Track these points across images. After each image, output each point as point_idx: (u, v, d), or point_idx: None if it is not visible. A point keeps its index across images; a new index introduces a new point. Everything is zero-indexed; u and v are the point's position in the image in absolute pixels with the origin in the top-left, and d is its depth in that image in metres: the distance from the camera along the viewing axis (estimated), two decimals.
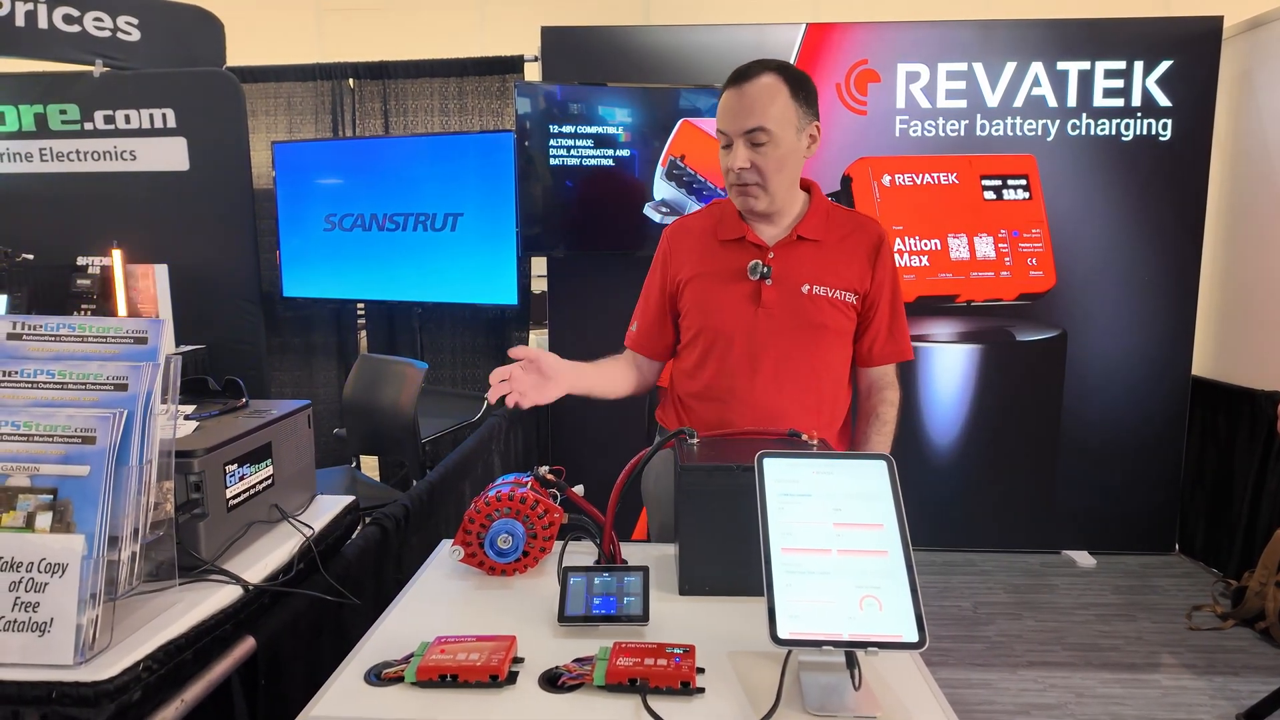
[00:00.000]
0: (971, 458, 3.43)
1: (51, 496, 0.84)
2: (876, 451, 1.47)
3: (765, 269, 1.44)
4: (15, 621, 0.81)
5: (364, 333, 3.94)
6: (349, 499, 1.38)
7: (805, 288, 1.44)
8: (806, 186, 1.52)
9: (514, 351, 1.40)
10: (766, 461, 0.94)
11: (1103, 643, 2.71)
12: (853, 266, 1.47)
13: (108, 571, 0.85)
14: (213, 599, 0.99)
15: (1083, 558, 3.38)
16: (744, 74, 1.39)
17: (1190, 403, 3.36)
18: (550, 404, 1.44)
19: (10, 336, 0.95)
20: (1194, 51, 3.17)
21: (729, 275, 1.47)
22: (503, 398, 1.36)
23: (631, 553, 1.20)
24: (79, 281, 3.35)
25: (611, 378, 1.59)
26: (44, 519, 0.84)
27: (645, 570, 1.05)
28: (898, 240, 3.29)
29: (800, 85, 1.41)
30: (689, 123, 3.02)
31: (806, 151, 1.45)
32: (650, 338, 1.60)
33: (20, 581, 0.81)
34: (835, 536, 0.88)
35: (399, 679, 0.88)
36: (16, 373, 0.91)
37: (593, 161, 3.07)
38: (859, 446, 1.53)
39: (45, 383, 0.91)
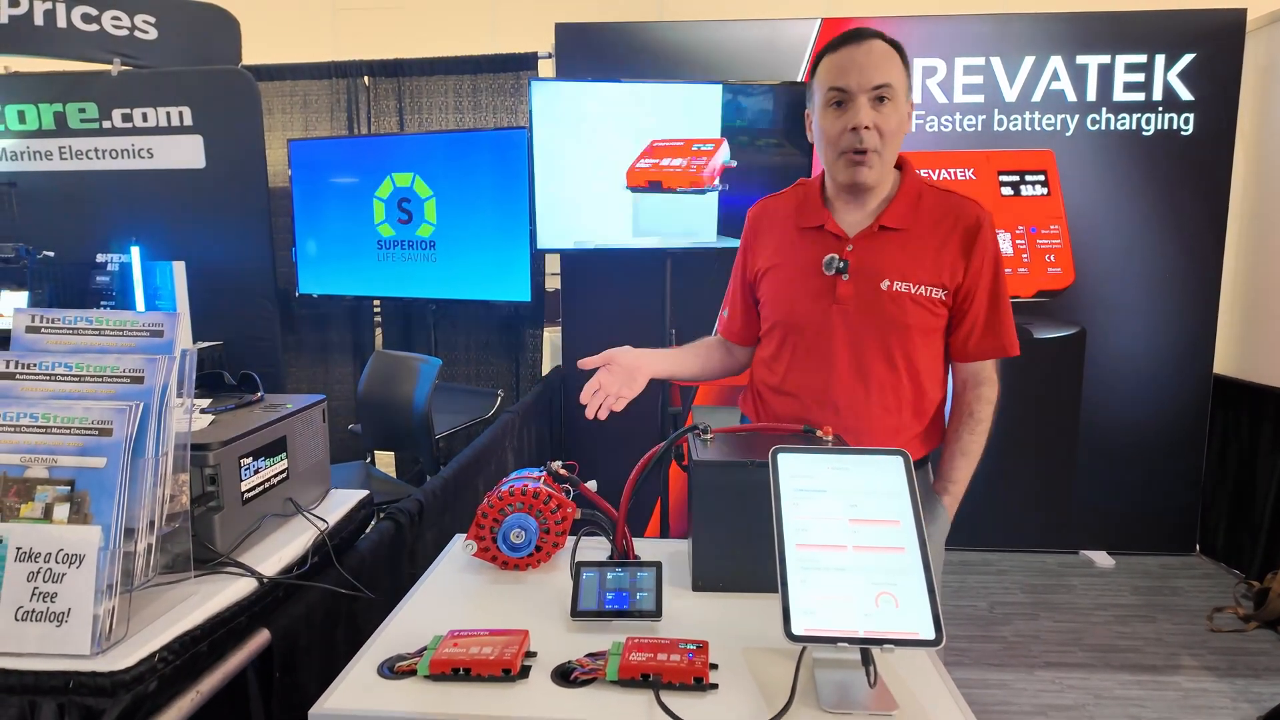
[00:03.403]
0: (988, 456, 3.33)
1: (69, 488, 0.85)
2: (966, 450, 1.45)
3: (842, 264, 1.34)
4: (33, 611, 0.82)
5: (379, 329, 3.96)
6: (363, 494, 1.39)
7: (885, 284, 1.34)
8: (898, 164, 1.39)
9: (583, 363, 1.38)
10: (781, 457, 0.93)
11: (1122, 644, 2.68)
12: (943, 258, 1.34)
13: (124, 563, 0.86)
14: (228, 591, 0.99)
15: (1101, 558, 3.34)
16: (861, 34, 1.31)
17: (1212, 401, 3.31)
18: (564, 398, 1.43)
19: (29, 329, 0.96)
20: (1217, 45, 3.12)
21: (805, 268, 1.38)
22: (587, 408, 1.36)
23: (644, 548, 1.20)
24: (98, 278, 3.39)
25: (696, 362, 1.55)
26: (61, 510, 0.85)
27: (658, 566, 1.05)
28: None
29: (906, 59, 1.34)
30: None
31: (907, 127, 1.35)
32: (740, 325, 1.54)
33: (38, 572, 0.82)
34: (851, 532, 0.87)
35: (412, 672, 0.88)
36: (35, 365, 0.92)
37: (606, 158, 3.06)
38: (949, 444, 1.45)
39: (63, 375, 0.92)
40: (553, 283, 3.69)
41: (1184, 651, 2.62)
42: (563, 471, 1.23)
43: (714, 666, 0.87)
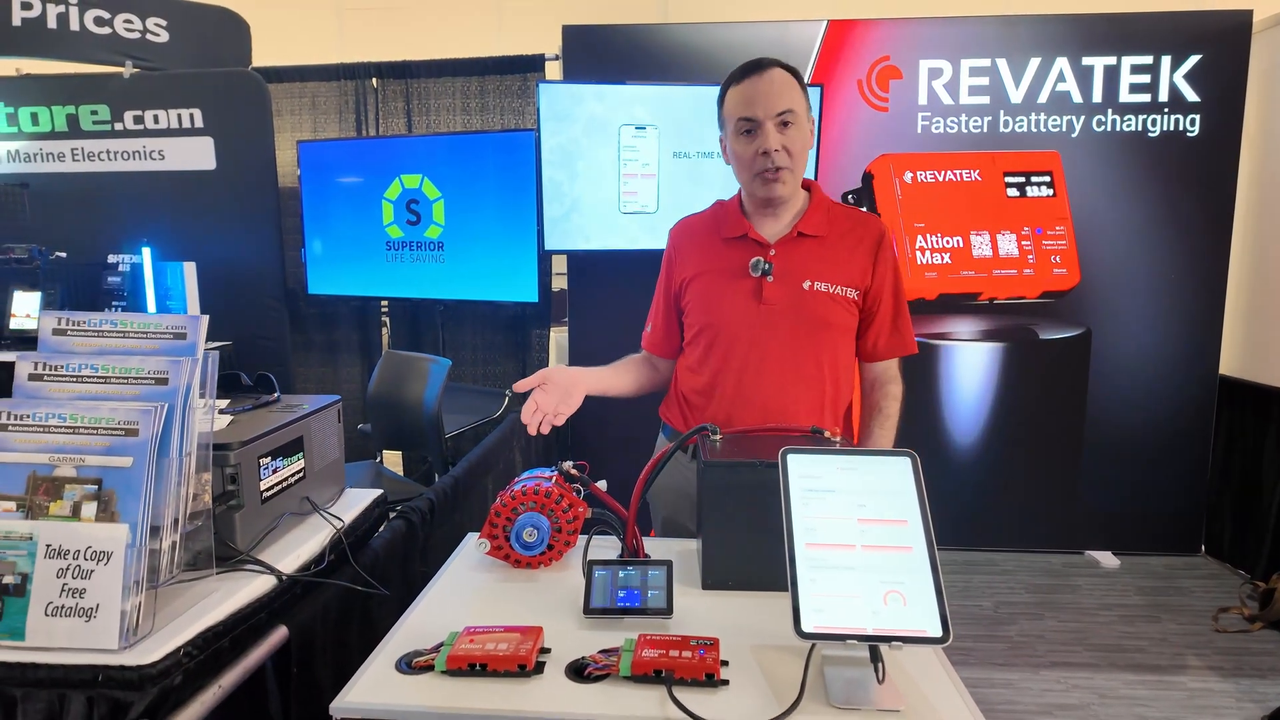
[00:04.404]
0: (994, 457, 3.41)
1: (96, 487, 0.87)
2: (879, 445, 1.50)
3: (767, 266, 1.45)
4: (63, 607, 0.84)
5: (386, 330, 3.99)
6: (377, 492, 1.41)
7: (807, 284, 1.46)
8: (806, 185, 1.54)
9: (518, 386, 1.43)
10: (790, 457, 0.95)
11: (1126, 644, 2.69)
12: (854, 262, 1.48)
13: (150, 560, 0.88)
14: (248, 588, 1.01)
15: (1106, 558, 3.35)
16: (760, 65, 1.42)
17: (1218, 402, 3.32)
18: None
19: (55, 332, 0.98)
20: (1223, 46, 3.13)
21: (731, 272, 1.49)
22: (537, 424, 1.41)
23: (654, 548, 1.21)
24: (110, 279, 3.42)
25: (626, 378, 1.62)
26: (89, 508, 0.87)
27: (669, 564, 1.07)
28: (919, 238, 3.27)
29: (803, 81, 1.45)
30: None
31: (811, 144, 1.48)
32: (662, 338, 1.63)
33: (68, 568, 0.84)
34: (859, 532, 0.89)
35: (429, 668, 0.90)
36: (62, 367, 0.94)
37: (613, 159, 3.08)
38: (862, 441, 1.54)
39: (89, 376, 0.94)
40: (559, 283, 3.71)
41: (1189, 652, 2.63)
42: (574, 471, 1.25)
43: (725, 663, 0.89)
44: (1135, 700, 2.36)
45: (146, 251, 3.36)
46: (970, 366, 3.38)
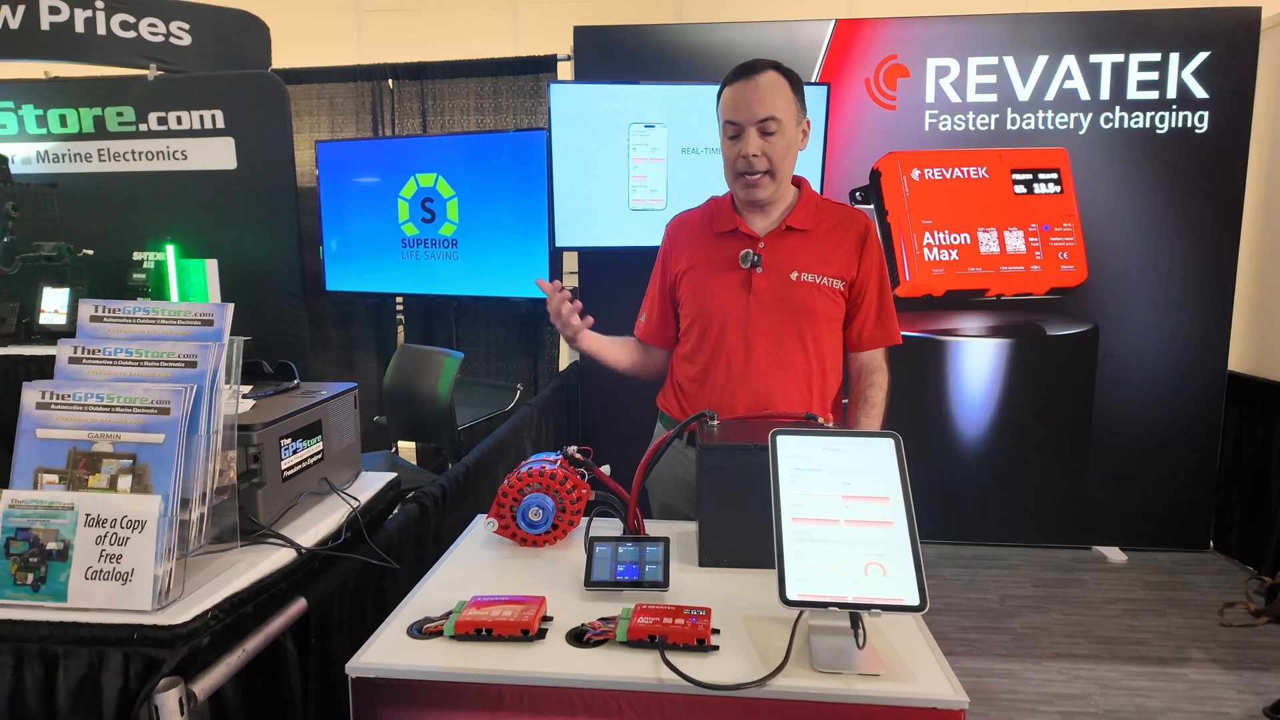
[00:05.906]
0: (1002, 452, 3.43)
1: (132, 461, 0.94)
2: None
3: (756, 258, 1.52)
4: (101, 571, 0.91)
5: (402, 325, 4.07)
6: (391, 475, 1.47)
7: (794, 275, 1.52)
8: (796, 181, 1.60)
9: (540, 281, 1.58)
10: (780, 439, 1.00)
11: (1131, 637, 2.71)
12: (840, 255, 1.54)
13: (180, 530, 0.95)
14: (270, 560, 1.08)
15: (1114, 553, 3.36)
16: (751, 69, 1.48)
17: (1226, 398, 3.32)
18: (581, 393, 1.53)
19: (93, 319, 1.05)
20: (1231, 43, 3.13)
21: (722, 265, 1.55)
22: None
23: (654, 529, 1.27)
24: (135, 275, 3.52)
25: (621, 350, 1.71)
26: (125, 481, 0.94)
27: (666, 541, 1.12)
28: (927, 234, 3.30)
29: (797, 83, 1.50)
30: None
31: (800, 144, 1.53)
32: (656, 328, 1.71)
33: (105, 536, 0.91)
34: (844, 508, 0.94)
35: (439, 633, 0.96)
36: (99, 351, 1.01)
37: (623, 158, 3.13)
38: (849, 428, 1.58)
39: (124, 360, 1.01)
40: (570, 280, 3.77)
41: (1193, 645, 2.65)
42: (578, 456, 1.30)
43: (716, 631, 0.95)
44: (1136, 690, 2.38)
45: (170, 249, 3.46)
46: (978, 363, 3.41)
